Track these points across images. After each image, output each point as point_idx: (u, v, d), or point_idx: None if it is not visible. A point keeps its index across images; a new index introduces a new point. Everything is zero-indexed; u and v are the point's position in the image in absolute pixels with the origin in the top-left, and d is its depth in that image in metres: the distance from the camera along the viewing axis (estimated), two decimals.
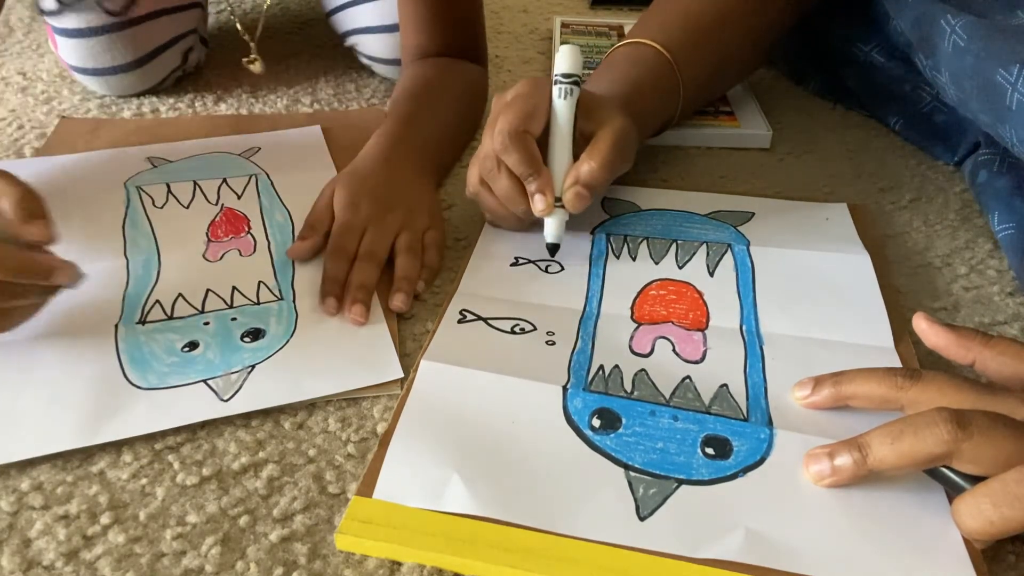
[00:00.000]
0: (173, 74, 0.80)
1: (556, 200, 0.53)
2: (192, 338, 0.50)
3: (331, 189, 0.58)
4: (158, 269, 0.55)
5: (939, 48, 0.57)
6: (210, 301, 0.53)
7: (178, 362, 0.48)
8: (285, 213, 0.61)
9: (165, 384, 0.46)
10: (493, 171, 0.53)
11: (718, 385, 0.46)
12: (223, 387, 0.46)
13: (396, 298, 0.52)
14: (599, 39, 0.93)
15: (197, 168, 0.66)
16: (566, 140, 0.53)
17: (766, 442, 0.42)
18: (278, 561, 0.38)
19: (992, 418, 0.36)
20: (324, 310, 0.51)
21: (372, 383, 0.47)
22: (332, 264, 0.53)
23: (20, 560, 0.38)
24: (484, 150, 0.53)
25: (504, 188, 0.53)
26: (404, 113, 0.66)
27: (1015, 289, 0.56)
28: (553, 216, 0.54)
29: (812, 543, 0.37)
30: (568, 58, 0.52)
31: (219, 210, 0.61)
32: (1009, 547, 0.39)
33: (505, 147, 0.51)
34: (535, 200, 0.53)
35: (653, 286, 0.54)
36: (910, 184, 0.67)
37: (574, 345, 0.49)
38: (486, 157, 0.53)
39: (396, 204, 0.57)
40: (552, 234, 0.55)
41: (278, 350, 0.49)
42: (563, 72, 0.52)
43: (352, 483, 0.42)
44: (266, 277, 0.55)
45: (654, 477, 0.40)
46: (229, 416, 0.45)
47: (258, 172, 0.66)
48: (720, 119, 0.75)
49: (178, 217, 0.61)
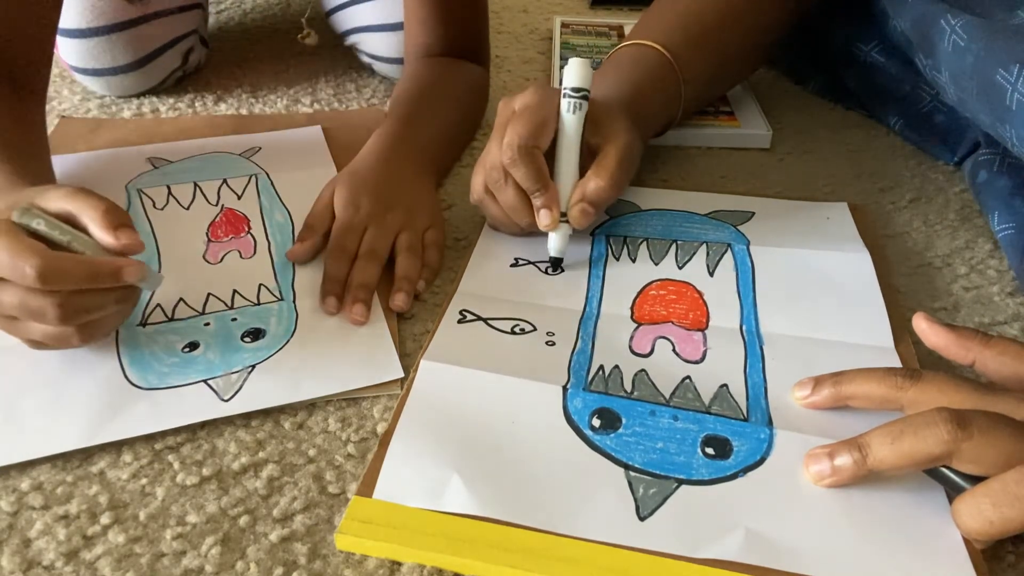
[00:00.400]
0: (173, 74, 0.80)
1: (561, 215, 0.53)
2: (192, 339, 0.50)
3: (331, 189, 0.58)
4: (159, 271, 0.55)
5: (939, 48, 0.57)
6: (211, 303, 0.53)
7: (178, 362, 0.48)
8: (285, 213, 0.61)
9: (165, 384, 0.46)
10: (499, 182, 0.53)
11: (718, 385, 0.46)
12: (223, 387, 0.46)
13: (397, 298, 0.52)
14: (599, 39, 0.93)
15: (197, 169, 0.66)
16: (573, 155, 0.53)
17: (766, 442, 0.42)
18: (278, 561, 0.38)
19: (992, 418, 0.36)
20: (325, 309, 0.51)
21: (372, 383, 0.47)
22: (333, 263, 0.53)
23: (20, 560, 0.38)
24: (491, 160, 0.53)
25: (510, 200, 0.53)
26: (404, 113, 0.66)
27: (1015, 289, 0.56)
28: (558, 231, 0.54)
29: (812, 543, 0.37)
30: (578, 72, 0.52)
31: (219, 210, 0.61)
32: (1009, 547, 0.39)
33: (514, 161, 0.51)
34: (540, 215, 0.53)
35: (653, 286, 0.54)
36: (910, 184, 0.67)
37: (574, 345, 0.49)
38: (492, 167, 0.53)
39: (396, 203, 0.57)
40: (556, 248, 0.55)
41: (278, 350, 0.49)
42: (573, 86, 0.52)
43: (352, 483, 0.42)
44: (266, 278, 0.55)
45: (654, 477, 0.40)
46: (229, 416, 0.45)
47: (258, 172, 0.66)
48: (720, 119, 0.75)
49: (178, 218, 0.61)
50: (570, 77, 0.52)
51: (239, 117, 0.76)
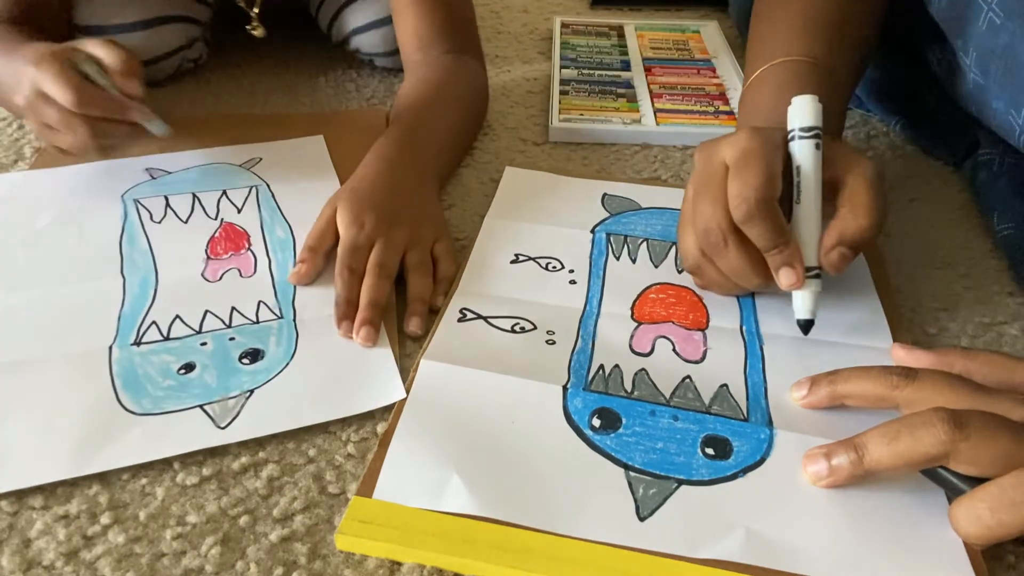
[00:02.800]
0: (174, 71, 0.81)
1: (807, 270, 0.47)
2: (189, 360, 0.48)
3: (332, 207, 0.56)
4: (155, 288, 0.54)
5: (972, 26, 0.56)
6: (208, 321, 0.51)
7: (174, 385, 0.46)
8: (286, 228, 0.60)
9: (160, 409, 0.45)
10: (719, 245, 0.47)
11: (718, 385, 0.46)
12: (220, 413, 0.45)
13: (412, 322, 0.51)
14: (599, 39, 0.93)
15: (196, 180, 0.65)
16: (816, 201, 0.47)
17: (766, 442, 0.42)
18: (278, 561, 0.38)
19: (989, 418, 0.36)
20: (341, 334, 0.50)
21: (374, 407, 0.45)
22: (344, 285, 0.51)
23: (20, 560, 0.38)
24: (704, 221, 0.47)
25: (735, 263, 0.48)
26: (408, 120, 0.65)
27: (1015, 289, 0.56)
28: (806, 289, 0.47)
29: (812, 543, 0.37)
30: (810, 109, 0.47)
31: (218, 225, 0.60)
32: (1009, 547, 0.39)
33: (750, 217, 0.45)
34: (782, 273, 0.47)
35: (653, 290, 0.54)
36: (910, 184, 0.67)
37: (574, 344, 0.49)
38: (709, 231, 0.47)
39: (402, 218, 0.56)
40: (807, 310, 0.48)
41: (277, 374, 0.47)
42: (806, 125, 0.47)
43: (352, 483, 0.42)
44: (266, 296, 0.53)
45: (654, 477, 0.40)
46: None
47: (259, 183, 0.65)
48: (720, 119, 0.75)
49: (177, 232, 0.59)
50: (801, 115, 0.48)
51: (239, 117, 0.76)
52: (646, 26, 0.96)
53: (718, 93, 0.80)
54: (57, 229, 0.60)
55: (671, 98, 0.78)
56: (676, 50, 0.90)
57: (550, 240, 0.58)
